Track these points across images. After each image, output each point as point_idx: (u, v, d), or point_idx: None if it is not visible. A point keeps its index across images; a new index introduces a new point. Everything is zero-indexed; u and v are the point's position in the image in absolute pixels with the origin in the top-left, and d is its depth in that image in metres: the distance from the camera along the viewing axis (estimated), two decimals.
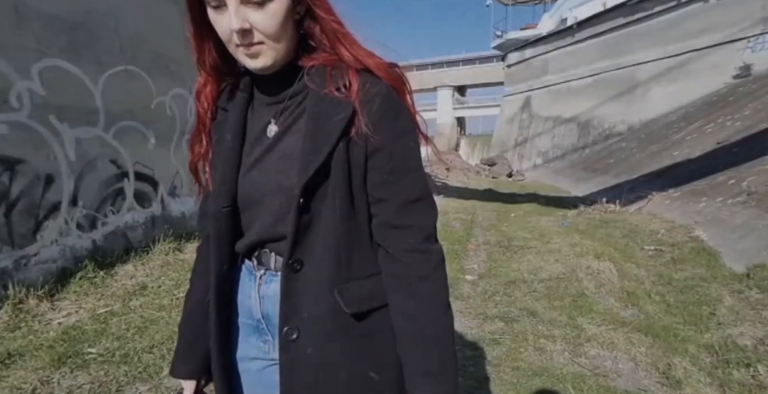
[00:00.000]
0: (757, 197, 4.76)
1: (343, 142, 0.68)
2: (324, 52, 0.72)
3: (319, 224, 0.70)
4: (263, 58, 0.68)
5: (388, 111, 0.69)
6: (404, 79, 0.73)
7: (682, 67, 12.90)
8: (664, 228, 5.00)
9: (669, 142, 10.08)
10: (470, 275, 3.87)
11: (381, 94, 0.69)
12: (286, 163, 0.71)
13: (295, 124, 0.73)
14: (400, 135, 0.70)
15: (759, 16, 11.06)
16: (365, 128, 0.68)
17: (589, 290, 3.34)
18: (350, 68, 0.69)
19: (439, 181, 11.57)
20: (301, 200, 0.67)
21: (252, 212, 0.75)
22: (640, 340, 2.53)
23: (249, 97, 0.78)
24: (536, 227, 5.77)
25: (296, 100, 0.74)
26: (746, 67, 10.96)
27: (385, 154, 0.70)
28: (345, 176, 0.69)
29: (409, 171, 0.72)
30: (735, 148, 6.96)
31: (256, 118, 0.78)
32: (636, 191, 7.18)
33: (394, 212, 0.71)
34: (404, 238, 0.71)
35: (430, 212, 0.74)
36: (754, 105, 8.61)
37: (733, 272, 3.53)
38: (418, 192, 0.72)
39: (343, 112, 0.67)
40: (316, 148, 0.67)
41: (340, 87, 0.68)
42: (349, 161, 0.69)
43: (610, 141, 14.25)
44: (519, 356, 2.40)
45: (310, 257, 0.71)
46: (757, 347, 2.35)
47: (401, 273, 0.72)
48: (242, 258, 0.80)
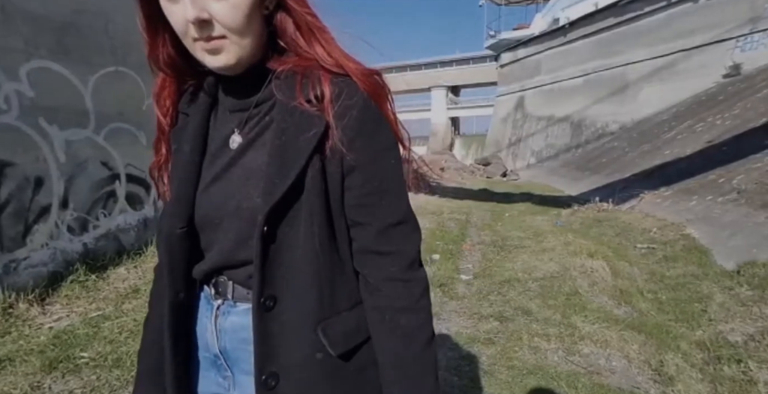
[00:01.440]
0: (746, 195, 4.81)
1: (316, 160, 0.61)
2: (296, 54, 0.63)
3: (293, 253, 0.62)
4: (225, 56, 0.59)
5: (364, 126, 0.61)
6: (386, 89, 0.65)
7: (673, 67, 13.02)
8: (656, 226, 5.05)
9: (660, 141, 10.17)
10: (465, 275, 3.88)
11: (357, 106, 0.61)
12: (249, 181, 0.63)
13: (260, 137, 0.65)
14: (379, 153, 0.63)
15: (747, 16, 11.19)
16: (339, 145, 0.60)
17: (583, 288, 3.37)
18: (324, 76, 0.61)
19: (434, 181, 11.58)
20: (265, 228, 0.59)
21: (210, 235, 0.67)
22: (633, 337, 2.55)
23: (212, 101, 0.70)
24: (530, 227, 5.80)
25: (263, 108, 0.66)
26: (735, 67, 11.09)
27: (362, 175, 0.63)
28: (322, 198, 0.62)
29: (389, 192, 0.64)
30: (725, 147, 7.04)
31: (218, 126, 0.69)
32: (628, 190, 7.24)
33: (373, 237, 0.64)
34: (385, 265, 0.65)
35: (413, 236, 0.67)
36: (743, 104, 8.71)
37: (723, 269, 3.57)
38: (398, 215, 0.65)
39: (314, 127, 0.60)
40: (282, 169, 0.59)
41: (311, 98, 0.60)
42: (326, 181, 0.62)
43: (603, 140, 14.35)
44: (514, 355, 2.41)
45: (286, 291, 0.62)
46: (747, 343, 2.38)
47: (382, 305, 0.65)
48: (200, 284, 0.71)
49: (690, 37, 12.61)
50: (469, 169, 16.81)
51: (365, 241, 0.65)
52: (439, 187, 10.47)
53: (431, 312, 0.68)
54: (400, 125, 0.68)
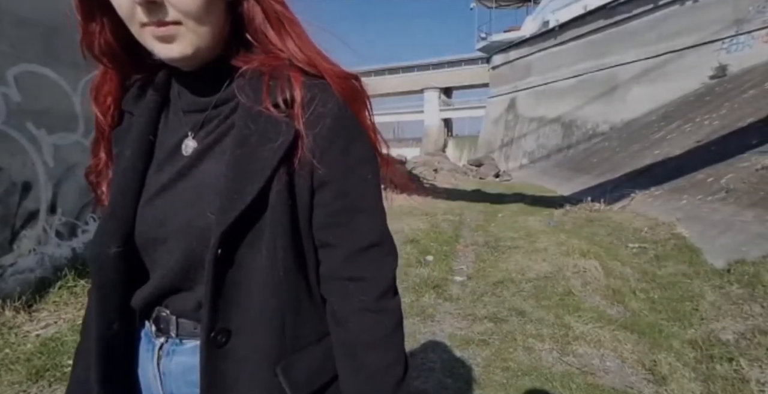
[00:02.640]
0: (735, 194, 4.88)
1: (283, 174, 0.53)
2: (263, 51, 0.55)
3: (251, 279, 0.53)
4: (180, 45, 0.50)
5: (338, 136, 0.54)
6: (364, 95, 0.59)
7: (661, 68, 13.18)
8: (647, 226, 5.09)
9: (650, 141, 10.28)
10: (459, 276, 3.88)
11: (331, 114, 0.54)
12: (203, 194, 0.53)
13: (218, 144, 0.56)
14: (353, 166, 0.56)
15: (732, 19, 11.38)
16: (309, 156, 0.53)
17: (576, 288, 3.38)
18: (295, 78, 0.53)
19: (427, 182, 11.60)
20: (219, 251, 0.50)
21: (152, 256, 0.57)
22: (626, 337, 2.56)
23: (163, 99, 0.61)
24: (523, 227, 5.82)
25: (223, 110, 0.57)
26: (722, 68, 11.26)
27: (333, 190, 0.55)
28: (288, 216, 0.54)
29: (363, 211, 0.57)
30: (713, 147, 7.14)
31: (169, 128, 0.60)
32: (619, 190, 7.30)
33: (342, 260, 0.56)
34: (354, 293, 0.57)
35: (388, 260, 0.59)
36: (730, 104, 8.84)
37: (714, 268, 3.60)
38: (372, 237, 0.57)
39: (281, 136, 0.52)
40: (243, 183, 0.51)
41: (279, 103, 0.53)
42: (293, 197, 0.54)
43: (594, 141, 14.48)
44: (508, 356, 2.41)
45: (241, 324, 0.54)
46: (738, 342, 2.40)
47: (348, 339, 0.57)
48: (140, 318, 0.61)
49: (677, 39, 12.79)
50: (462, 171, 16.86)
51: (333, 265, 0.57)
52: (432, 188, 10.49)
53: (404, 349, 0.60)
54: (379, 135, 0.61)
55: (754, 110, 7.49)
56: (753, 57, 10.56)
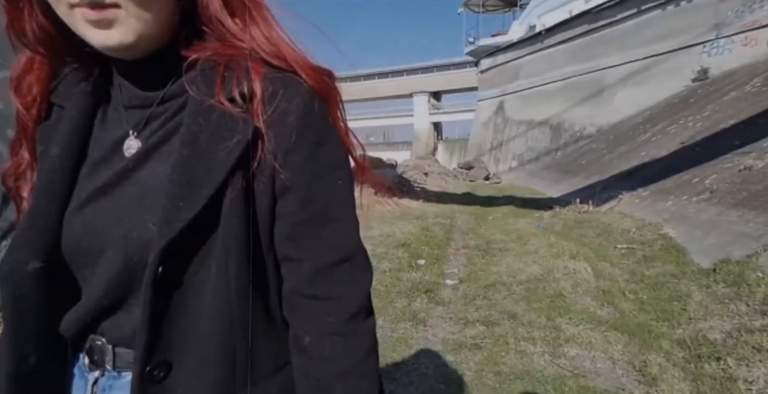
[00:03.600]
0: (719, 194, 4.97)
1: (239, 178, 0.46)
2: (219, 39, 0.48)
3: (198, 302, 0.46)
4: (119, 31, 0.43)
5: (304, 137, 0.47)
6: (337, 93, 0.52)
7: (645, 71, 13.42)
8: (635, 226, 5.16)
9: (636, 143, 10.44)
10: (450, 280, 3.89)
11: (297, 111, 0.47)
12: (145, 202, 0.46)
13: (166, 144, 0.48)
14: (321, 171, 0.49)
15: (712, 23, 11.64)
16: (271, 159, 0.47)
17: (567, 290, 3.40)
18: (254, 69, 0.46)
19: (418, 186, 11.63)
20: (160, 269, 0.43)
21: (81, 274, 0.49)
22: (616, 338, 2.59)
23: (101, 92, 0.52)
24: (514, 229, 5.86)
25: (171, 106, 0.49)
26: (703, 71, 11.49)
27: (298, 198, 0.48)
28: (244, 228, 0.47)
29: (332, 221, 0.50)
30: (697, 148, 7.27)
31: (108, 125, 0.52)
32: (607, 191, 7.39)
33: (308, 277, 0.49)
34: (320, 314, 0.49)
35: (360, 277, 0.52)
36: (713, 106, 9.03)
37: (700, 268, 3.66)
38: (343, 250, 0.50)
39: (237, 134, 0.45)
40: (190, 188, 0.44)
41: (235, 96, 0.46)
42: (251, 206, 0.47)
43: (581, 143, 14.66)
44: (500, 360, 2.41)
45: (184, 355, 0.46)
46: (726, 341, 2.43)
47: (312, 369, 0.50)
48: (72, 349, 0.52)
49: (660, 43, 13.04)
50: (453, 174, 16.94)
51: (297, 282, 0.50)
52: (423, 191, 10.51)
53: (378, 378, 0.52)
54: (353, 137, 0.54)
55: (736, 112, 7.66)
56: (733, 60, 10.81)
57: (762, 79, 8.66)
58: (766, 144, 5.49)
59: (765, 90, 7.97)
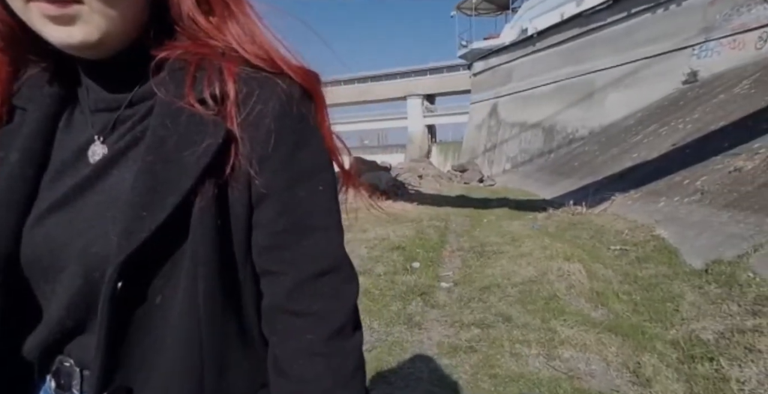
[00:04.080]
0: (710, 195, 5.02)
1: (210, 185, 0.42)
2: (191, 37, 0.44)
3: (164, 322, 0.43)
4: (81, 29, 0.39)
5: (282, 140, 0.44)
6: (321, 94, 0.49)
7: (636, 74, 13.57)
8: (628, 228, 5.20)
9: (628, 145, 10.54)
10: (445, 283, 3.89)
11: (274, 113, 0.44)
12: (110, 212, 0.43)
13: (133, 149, 0.45)
14: (301, 175, 0.46)
15: (701, 26, 11.81)
16: (246, 165, 0.43)
17: (561, 292, 3.42)
18: (227, 68, 0.43)
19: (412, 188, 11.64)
20: (119, 285, 0.40)
21: (43, 290, 0.45)
22: (610, 340, 2.60)
23: (66, 94, 0.48)
24: (508, 232, 5.88)
25: (140, 109, 0.46)
26: (693, 73, 11.64)
27: (276, 206, 0.45)
28: (214, 239, 0.43)
29: (313, 230, 0.46)
30: (688, 150, 7.35)
31: (73, 129, 0.48)
32: (600, 193, 7.44)
33: (287, 291, 0.46)
34: (300, 332, 0.46)
35: (345, 289, 0.48)
36: (703, 108, 9.14)
37: (692, 268, 3.69)
38: (325, 261, 0.47)
39: (208, 138, 0.42)
40: (154, 197, 0.41)
41: (206, 98, 0.43)
42: (224, 216, 0.44)
43: (574, 145, 14.76)
44: (496, 362, 2.41)
45: (146, 381, 0.43)
46: (718, 341, 2.45)
47: (293, 392, 0.46)
48: (39, 370, 0.48)
49: (650, 46, 13.20)
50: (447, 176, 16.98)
51: (276, 297, 0.46)
52: (417, 194, 10.53)
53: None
54: (338, 140, 0.51)
55: (726, 114, 7.76)
56: (722, 63, 10.97)
57: (750, 81, 8.79)
58: (756, 145, 5.56)
59: (753, 92, 8.08)
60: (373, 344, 2.63)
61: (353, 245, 4.64)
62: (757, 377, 2.06)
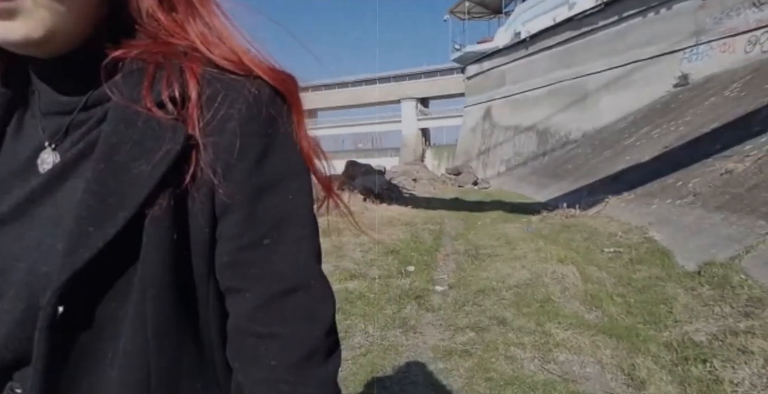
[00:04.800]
0: (702, 197, 5.06)
1: (166, 196, 0.38)
2: (150, 35, 0.41)
3: (112, 351, 0.39)
4: (24, 24, 0.35)
5: (249, 146, 0.40)
6: (297, 97, 0.45)
7: (628, 77, 13.70)
8: (621, 230, 5.22)
9: (621, 147, 10.62)
10: (440, 286, 3.88)
11: (240, 117, 0.40)
12: (60, 227, 0.39)
13: (87, 158, 0.40)
14: (271, 184, 0.42)
15: (692, 30, 11.96)
16: (209, 173, 0.39)
17: (555, 294, 3.42)
18: (189, 68, 0.40)
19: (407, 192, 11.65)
20: (60, 310, 0.36)
21: None
22: (605, 342, 2.60)
23: (16, 96, 0.44)
24: (502, 234, 5.89)
25: (96, 112, 0.41)
26: (684, 77, 11.78)
27: (241, 217, 0.41)
28: (168, 257, 0.39)
29: (282, 243, 0.42)
30: (680, 152, 7.41)
31: (23, 135, 0.44)
32: (594, 195, 7.49)
33: (251, 311, 0.41)
34: (264, 357, 0.41)
35: (317, 309, 0.43)
36: (694, 111, 9.24)
37: (685, 271, 3.71)
38: (295, 276, 0.42)
39: (165, 144, 0.38)
40: (103, 211, 0.37)
41: (164, 100, 0.39)
42: (183, 230, 0.40)
43: (567, 148, 14.86)
44: (491, 366, 2.40)
45: None
46: (711, 343, 2.46)
47: None
48: None
49: (642, 49, 13.35)
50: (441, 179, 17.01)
51: (239, 317, 0.42)
52: (412, 197, 10.53)
53: None
54: (316, 149, 0.46)
55: (717, 116, 7.85)
56: (712, 66, 11.11)
57: (740, 84, 8.90)
58: (747, 148, 5.62)
59: (744, 95, 8.18)
60: (368, 348, 2.62)
61: (348, 248, 4.63)
62: (750, 379, 2.07)
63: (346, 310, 3.14)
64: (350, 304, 3.25)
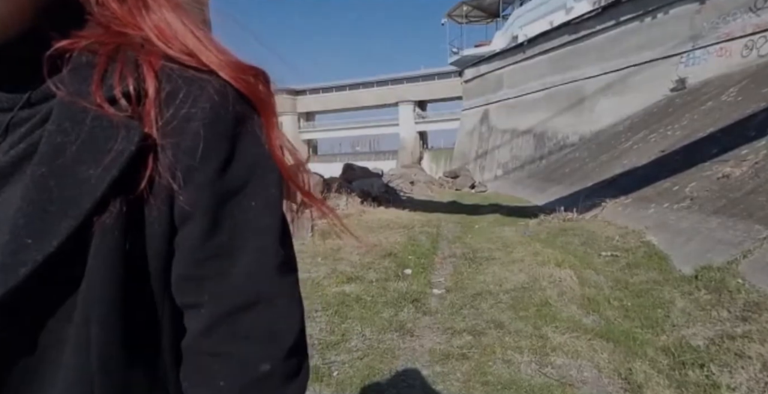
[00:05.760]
0: (699, 202, 5.08)
1: (117, 205, 0.34)
2: (102, 25, 0.37)
3: (53, 376, 0.36)
4: None
5: (214, 147, 0.37)
6: (267, 96, 0.41)
7: (625, 81, 13.76)
8: (619, 234, 5.23)
9: (617, 151, 10.65)
10: (437, 289, 3.87)
11: (204, 116, 0.36)
12: None
13: (29, 160, 0.35)
14: (236, 190, 0.38)
15: (688, 34, 12.04)
16: (167, 178, 0.36)
17: (552, 298, 3.42)
18: (145, 61, 0.36)
19: (404, 195, 11.64)
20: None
21: None
22: (602, 346, 2.60)
23: None
24: (499, 238, 5.89)
25: (42, 109, 0.37)
26: (681, 81, 11.83)
27: (203, 226, 0.37)
28: (116, 273, 0.35)
29: (245, 253, 0.39)
30: (677, 156, 7.44)
31: None
32: (591, 199, 7.50)
33: (205, 327, 0.38)
34: (214, 377, 0.38)
35: (279, 326, 0.40)
36: (691, 115, 9.28)
37: (682, 275, 3.71)
38: (254, 290, 0.39)
39: (119, 145, 0.34)
40: (44, 221, 0.33)
41: (117, 96, 0.35)
42: (137, 240, 0.37)
43: (564, 151, 14.90)
44: (488, 369, 2.39)
45: None
46: (709, 347, 2.46)
47: None
48: None
49: (639, 53, 13.42)
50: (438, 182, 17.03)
51: (195, 334, 0.39)
52: (409, 200, 10.53)
53: None
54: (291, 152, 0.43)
55: (713, 121, 7.88)
56: (709, 70, 11.17)
57: (737, 89, 8.95)
58: (744, 152, 5.64)
59: (740, 100, 8.23)
60: (364, 351, 2.60)
61: (345, 251, 4.61)
62: (748, 384, 2.07)
63: (343, 313, 3.13)
64: (347, 307, 3.23)
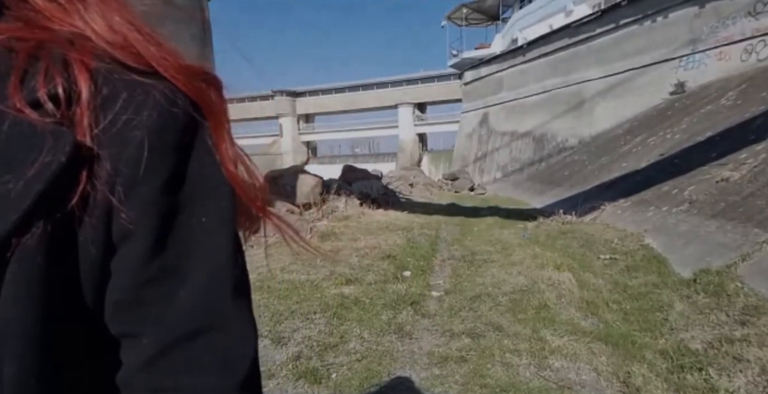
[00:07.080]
0: (698, 205, 5.08)
1: (41, 226, 0.30)
2: (22, 19, 0.33)
3: None
4: None
5: (160, 159, 0.33)
6: (218, 102, 0.37)
7: (624, 84, 13.80)
8: (618, 237, 5.23)
9: (617, 154, 10.67)
10: (436, 291, 3.87)
11: (149, 124, 0.32)
12: None
13: None
14: (183, 207, 0.35)
15: (687, 38, 12.08)
16: (105, 193, 0.32)
17: (551, 301, 3.41)
18: (77, 61, 0.32)
19: (403, 197, 11.64)
20: None
21: None
22: (600, 349, 2.59)
23: None
24: (498, 240, 5.89)
25: None
26: (680, 84, 11.87)
27: (146, 246, 0.33)
28: (39, 305, 0.30)
29: (194, 275, 0.35)
30: (676, 159, 7.45)
31: None
32: (590, 202, 7.50)
33: (147, 360, 0.34)
34: None
35: (232, 355, 0.36)
36: (690, 119, 9.30)
37: (681, 278, 3.72)
38: (204, 315, 0.35)
39: (45, 155, 0.30)
40: None
41: (41, 99, 0.30)
42: (69, 264, 0.32)
43: (564, 154, 14.92)
44: (486, 372, 2.39)
45: None
46: (707, 351, 2.46)
47: None
48: None
49: (638, 57, 13.46)
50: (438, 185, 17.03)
51: (133, 368, 0.34)
52: (408, 202, 10.53)
53: None
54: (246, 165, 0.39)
55: (712, 124, 7.90)
56: (708, 74, 11.21)
57: (736, 92, 8.98)
58: (742, 156, 5.66)
59: (740, 103, 8.25)
60: (363, 353, 2.60)
61: (344, 253, 4.61)
62: (746, 388, 2.07)
63: (342, 315, 3.12)
64: (346, 309, 3.23)
